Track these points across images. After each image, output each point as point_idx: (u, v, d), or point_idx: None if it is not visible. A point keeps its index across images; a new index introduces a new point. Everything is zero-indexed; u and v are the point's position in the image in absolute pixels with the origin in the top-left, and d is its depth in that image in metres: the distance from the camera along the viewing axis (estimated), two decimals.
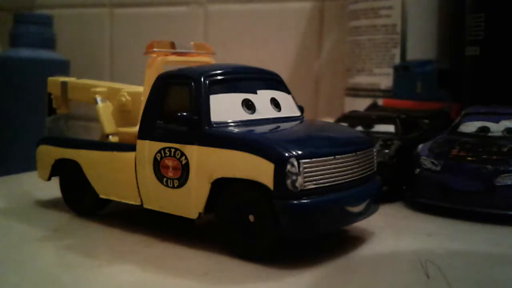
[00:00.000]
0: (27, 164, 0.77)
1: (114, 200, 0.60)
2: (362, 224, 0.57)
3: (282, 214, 0.47)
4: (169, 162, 0.53)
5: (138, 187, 0.56)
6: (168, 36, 0.65)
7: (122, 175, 0.57)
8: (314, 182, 0.47)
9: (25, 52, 1.18)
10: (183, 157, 0.52)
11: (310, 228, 0.48)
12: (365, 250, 0.53)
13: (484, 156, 0.63)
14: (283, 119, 0.56)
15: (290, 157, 0.46)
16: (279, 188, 0.46)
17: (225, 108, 0.53)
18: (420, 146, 0.69)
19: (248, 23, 1.20)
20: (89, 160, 0.61)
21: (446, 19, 0.93)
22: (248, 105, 0.54)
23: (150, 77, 0.57)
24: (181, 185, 0.52)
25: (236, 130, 0.51)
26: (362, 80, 0.97)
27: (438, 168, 0.65)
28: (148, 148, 0.54)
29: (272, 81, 0.59)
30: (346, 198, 0.50)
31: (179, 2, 1.28)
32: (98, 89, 0.66)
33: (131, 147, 0.56)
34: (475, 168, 0.63)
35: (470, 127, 0.71)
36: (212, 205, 0.51)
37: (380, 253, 0.52)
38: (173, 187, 0.53)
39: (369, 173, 0.54)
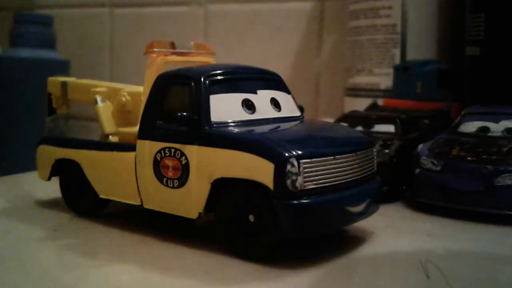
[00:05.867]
0: (27, 164, 0.77)
1: (114, 200, 0.60)
2: (362, 224, 0.57)
3: (282, 214, 0.47)
4: (169, 162, 0.53)
5: (138, 187, 0.56)
6: (168, 36, 0.65)
7: (122, 175, 0.57)
8: (314, 182, 0.47)
9: (25, 52, 1.18)
10: (183, 157, 0.52)
11: (310, 228, 0.48)
12: (365, 250, 0.53)
13: (484, 156, 0.63)
14: (283, 119, 0.56)
15: (290, 157, 0.46)
16: (279, 188, 0.46)
17: (225, 108, 0.53)
18: (420, 146, 0.69)
19: (248, 23, 1.20)
20: (89, 160, 0.61)
21: (446, 19, 0.93)
22: (248, 105, 0.54)
23: (150, 77, 0.57)
24: (181, 185, 0.52)
25: (236, 130, 0.51)
26: (362, 80, 0.97)
27: (438, 168, 0.65)
28: (148, 148, 0.54)
29: (272, 81, 0.59)
30: (346, 198, 0.50)
31: (179, 2, 1.28)
32: (98, 89, 0.66)
33: (131, 147, 0.56)
34: (475, 168, 0.63)
35: (470, 127, 0.71)
36: (212, 205, 0.51)
37: (380, 253, 0.52)
38: (173, 187, 0.53)
39: (369, 173, 0.54)
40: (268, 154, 0.47)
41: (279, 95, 0.58)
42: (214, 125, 0.51)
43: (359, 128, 0.75)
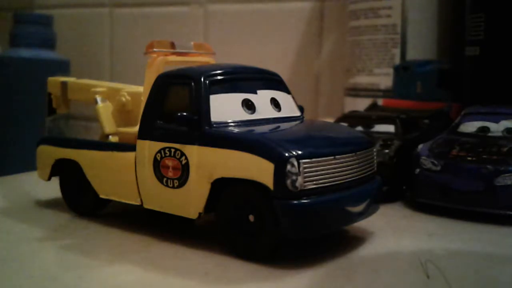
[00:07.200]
0: (27, 164, 0.77)
1: (114, 200, 0.60)
2: (362, 224, 0.57)
3: (282, 214, 0.47)
4: (169, 162, 0.53)
5: (138, 187, 0.56)
6: (168, 36, 0.65)
7: (122, 175, 0.57)
8: (314, 182, 0.47)
9: (25, 52, 1.18)
10: (183, 157, 0.52)
11: (310, 228, 0.48)
12: (365, 250, 0.53)
13: (484, 156, 0.63)
14: (283, 119, 0.56)
15: (290, 157, 0.46)
16: (279, 188, 0.46)
17: (225, 108, 0.53)
18: (420, 146, 0.69)
19: (248, 23, 1.20)
20: (89, 160, 0.61)
21: (446, 19, 0.93)
22: (248, 105, 0.54)
23: (150, 77, 0.57)
24: (181, 185, 0.52)
25: (236, 130, 0.51)
26: (362, 80, 0.97)
27: (438, 168, 0.65)
28: (148, 148, 0.54)
29: (272, 81, 0.59)
30: (346, 198, 0.50)
31: (179, 2, 1.28)
32: (98, 89, 0.66)
33: (131, 147, 0.56)
34: (475, 168, 0.63)
35: (470, 127, 0.71)
36: (212, 205, 0.51)
37: (380, 253, 0.52)
38: (173, 187, 0.53)
39: (369, 173, 0.54)
40: (268, 154, 0.47)
41: (279, 95, 0.58)
42: (214, 125, 0.51)
43: (359, 128, 0.75)
